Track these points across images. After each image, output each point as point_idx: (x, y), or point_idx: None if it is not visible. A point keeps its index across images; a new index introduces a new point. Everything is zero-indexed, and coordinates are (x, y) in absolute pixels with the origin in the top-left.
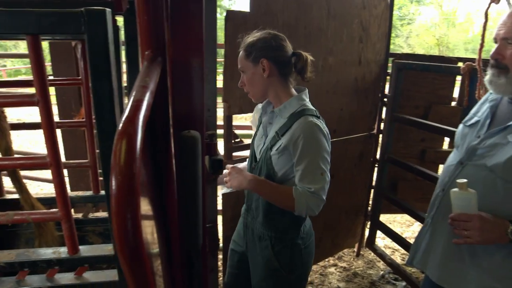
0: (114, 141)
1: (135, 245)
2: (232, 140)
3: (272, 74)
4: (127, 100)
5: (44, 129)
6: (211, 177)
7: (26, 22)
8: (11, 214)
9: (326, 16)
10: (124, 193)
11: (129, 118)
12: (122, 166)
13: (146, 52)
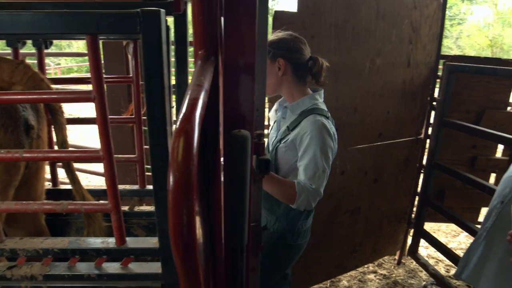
0: (172, 138)
1: (189, 240)
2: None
3: (286, 73)
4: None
5: (98, 124)
6: (257, 177)
7: (86, 22)
8: (65, 203)
9: (375, 16)
10: (181, 189)
11: (186, 116)
12: (179, 163)
13: (199, 51)
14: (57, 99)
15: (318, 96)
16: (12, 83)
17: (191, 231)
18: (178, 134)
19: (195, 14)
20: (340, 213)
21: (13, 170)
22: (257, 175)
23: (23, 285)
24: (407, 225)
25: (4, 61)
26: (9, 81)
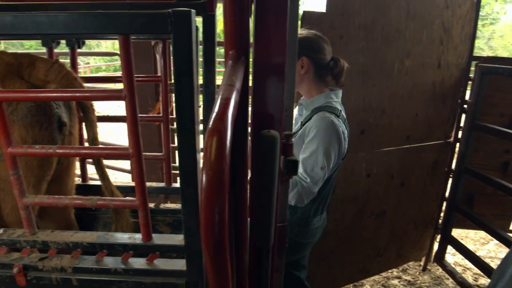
0: (205, 137)
1: (220, 239)
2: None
3: (308, 71)
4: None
5: (128, 122)
6: (284, 178)
7: (119, 23)
8: (95, 199)
9: (405, 16)
10: (214, 188)
11: (219, 115)
12: (212, 162)
13: (230, 51)
14: (90, 97)
15: (334, 95)
16: (47, 81)
17: (222, 229)
18: (211, 134)
19: (227, 14)
20: (365, 216)
21: (46, 165)
22: (284, 175)
23: (53, 276)
24: (433, 230)
25: (40, 61)
26: (44, 80)
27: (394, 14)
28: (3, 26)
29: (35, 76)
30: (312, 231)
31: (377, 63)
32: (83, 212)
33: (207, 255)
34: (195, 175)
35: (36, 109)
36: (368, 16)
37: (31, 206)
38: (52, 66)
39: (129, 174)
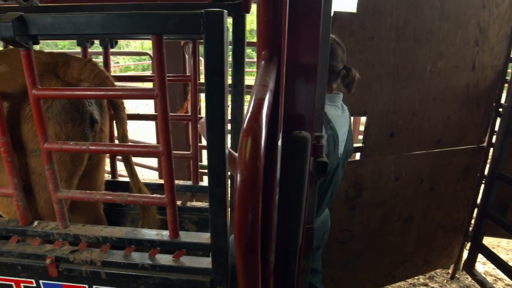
0: (240, 137)
1: (252, 239)
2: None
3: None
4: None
5: (160, 121)
6: (312, 179)
7: (153, 23)
8: (125, 195)
9: (439, 17)
10: (248, 187)
11: (253, 115)
12: (247, 161)
13: (263, 51)
14: (122, 95)
15: (328, 99)
16: (80, 79)
17: (255, 229)
18: (246, 134)
19: (260, 14)
20: (392, 221)
21: (78, 160)
22: (312, 177)
23: (83, 269)
24: (463, 238)
25: (74, 60)
26: (78, 78)
27: (427, 14)
28: (44, 26)
29: (70, 75)
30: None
31: (408, 64)
32: (112, 207)
33: (239, 254)
34: (223, 175)
35: (70, 107)
36: (400, 17)
37: (64, 200)
38: (86, 65)
39: (156, 172)
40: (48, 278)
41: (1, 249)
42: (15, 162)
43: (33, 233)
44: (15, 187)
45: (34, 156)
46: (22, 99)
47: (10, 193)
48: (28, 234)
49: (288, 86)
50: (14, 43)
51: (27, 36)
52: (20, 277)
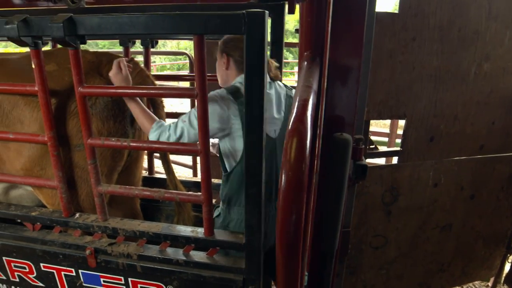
0: (285, 138)
1: (295, 240)
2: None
3: (230, 68)
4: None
5: (198, 119)
6: (350, 182)
7: (195, 24)
8: (162, 191)
9: (486, 17)
10: (293, 189)
11: (298, 117)
12: (292, 163)
13: (305, 52)
14: (163, 94)
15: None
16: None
17: (298, 230)
18: (292, 135)
19: (304, 15)
20: (428, 228)
21: (118, 156)
22: (350, 180)
23: (120, 261)
24: (506, 249)
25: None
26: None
27: (474, 14)
28: (91, 27)
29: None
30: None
31: (451, 66)
32: (148, 203)
33: (280, 254)
34: (259, 175)
35: (112, 104)
36: (444, 17)
37: (104, 194)
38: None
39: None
40: (87, 268)
41: (45, 238)
42: (60, 156)
43: (75, 225)
44: (60, 180)
45: (78, 151)
46: (68, 96)
47: (54, 185)
48: (70, 225)
49: (329, 87)
50: (64, 43)
51: (76, 36)
52: (61, 265)
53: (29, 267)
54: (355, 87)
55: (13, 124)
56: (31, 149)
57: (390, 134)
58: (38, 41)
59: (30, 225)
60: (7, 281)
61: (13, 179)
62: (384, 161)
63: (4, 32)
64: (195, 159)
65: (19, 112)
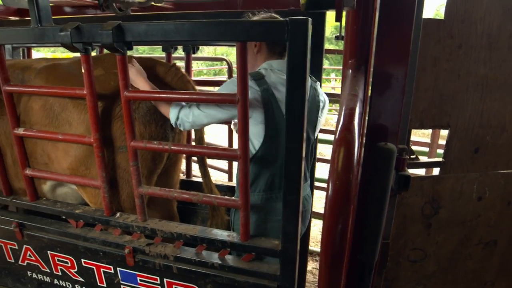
0: (333, 147)
1: (340, 250)
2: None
3: (261, 50)
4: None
5: (239, 125)
6: (392, 193)
7: (238, 31)
8: (201, 195)
9: None
10: (340, 198)
11: (346, 126)
12: (340, 172)
13: (350, 60)
14: (204, 99)
15: (274, 63)
16: (164, 83)
17: (343, 241)
18: (339, 144)
19: (350, 23)
20: (471, 244)
21: (158, 159)
22: (393, 191)
23: (157, 262)
24: None
25: (160, 64)
26: (162, 81)
27: None
28: (138, 34)
29: (155, 76)
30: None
31: (500, 75)
32: (184, 205)
33: (324, 263)
34: (298, 182)
35: (154, 108)
36: (494, 23)
37: (144, 196)
38: (170, 69)
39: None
40: (125, 267)
41: (87, 235)
42: (104, 157)
43: (115, 224)
44: (103, 180)
45: (121, 152)
46: (113, 99)
47: (98, 185)
48: (111, 224)
49: (374, 95)
50: (112, 49)
51: (123, 43)
52: (101, 262)
53: (71, 262)
54: (400, 96)
55: (62, 125)
56: (78, 150)
57: (431, 144)
58: (88, 47)
59: (73, 222)
60: (51, 274)
61: (61, 177)
62: (424, 171)
63: (58, 38)
64: (230, 163)
65: (68, 114)
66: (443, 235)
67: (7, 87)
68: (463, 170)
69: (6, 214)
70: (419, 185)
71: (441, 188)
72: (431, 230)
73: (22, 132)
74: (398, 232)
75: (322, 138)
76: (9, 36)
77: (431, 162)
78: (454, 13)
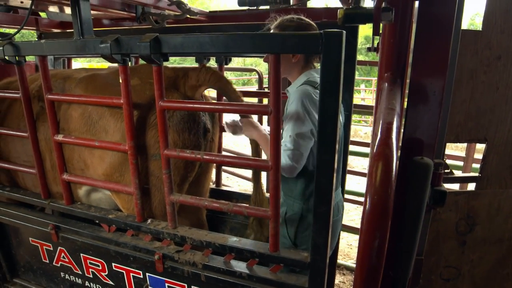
0: (370, 162)
1: (376, 266)
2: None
3: (299, 59)
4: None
5: (271, 136)
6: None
7: (272, 43)
8: (231, 205)
9: None
10: (378, 213)
11: (383, 140)
12: (378, 187)
13: (386, 73)
14: (238, 110)
15: (315, 72)
16: (199, 85)
17: (381, 256)
18: (377, 158)
19: (386, 36)
20: (509, 264)
21: (190, 167)
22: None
23: (186, 269)
24: None
25: (191, 70)
26: (196, 84)
27: None
28: (174, 46)
29: (188, 85)
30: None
31: None
32: (213, 214)
33: (360, 278)
34: (330, 194)
35: (188, 117)
36: None
37: (176, 203)
38: (201, 70)
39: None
40: (154, 272)
41: (119, 240)
42: (138, 164)
43: (146, 230)
44: (136, 186)
45: (154, 160)
46: (148, 108)
47: (131, 191)
48: (142, 230)
49: (410, 108)
50: (149, 60)
51: (160, 54)
52: (131, 267)
53: (102, 265)
54: (437, 109)
55: (99, 133)
56: (113, 156)
57: (466, 158)
58: (126, 58)
59: (106, 226)
60: (82, 276)
61: (96, 183)
62: (457, 186)
63: (99, 50)
64: None
65: (105, 122)
66: (478, 254)
67: (50, 96)
68: (501, 186)
69: (43, 216)
70: (453, 200)
71: (477, 204)
72: (465, 248)
73: (62, 139)
74: (430, 248)
75: (350, 149)
76: (54, 48)
77: (467, 177)
78: (492, 23)
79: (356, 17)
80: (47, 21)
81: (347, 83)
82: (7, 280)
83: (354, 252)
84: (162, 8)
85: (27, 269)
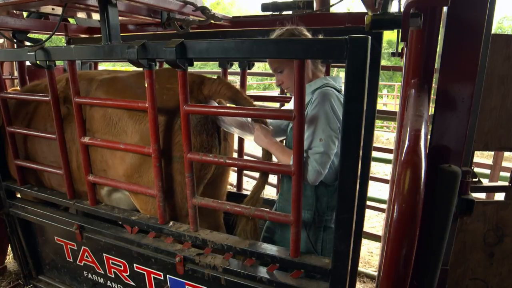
0: (398, 169)
1: (403, 275)
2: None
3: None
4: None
5: (295, 141)
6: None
7: (297, 49)
8: (253, 209)
9: None
10: (406, 221)
11: (412, 148)
12: (406, 195)
13: (413, 79)
14: (261, 115)
15: (331, 79)
16: (209, 96)
17: (408, 265)
18: (405, 166)
19: (413, 41)
20: None
21: (207, 169)
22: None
23: (206, 272)
24: None
25: (207, 79)
26: (207, 95)
27: None
28: (199, 51)
29: (201, 92)
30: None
31: None
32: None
33: (386, 286)
34: (353, 200)
35: (205, 119)
36: None
37: (197, 206)
38: (214, 82)
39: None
40: (175, 274)
41: (141, 241)
42: (161, 167)
43: (168, 232)
44: (159, 189)
45: (175, 163)
46: (165, 112)
47: (154, 194)
48: (164, 232)
49: (437, 115)
50: (174, 65)
51: (185, 59)
52: (152, 268)
53: (124, 265)
54: (466, 117)
55: (119, 134)
56: (133, 158)
57: (494, 166)
58: (152, 63)
59: (129, 227)
60: (105, 276)
61: (120, 185)
62: (484, 195)
63: (126, 55)
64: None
65: (124, 123)
66: (507, 266)
67: (77, 99)
68: None
69: (69, 216)
70: (481, 210)
71: (507, 215)
72: (493, 260)
73: (88, 141)
74: (457, 259)
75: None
76: (83, 53)
77: (496, 186)
78: None
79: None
80: (75, 27)
81: (372, 88)
82: (32, 277)
83: (375, 259)
84: (187, 14)
85: (52, 267)
